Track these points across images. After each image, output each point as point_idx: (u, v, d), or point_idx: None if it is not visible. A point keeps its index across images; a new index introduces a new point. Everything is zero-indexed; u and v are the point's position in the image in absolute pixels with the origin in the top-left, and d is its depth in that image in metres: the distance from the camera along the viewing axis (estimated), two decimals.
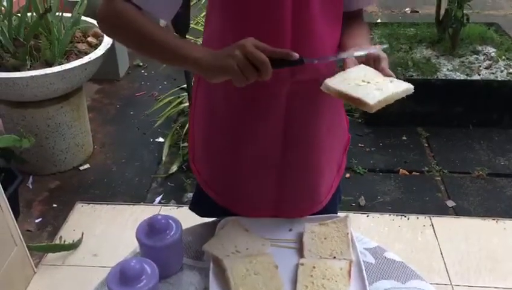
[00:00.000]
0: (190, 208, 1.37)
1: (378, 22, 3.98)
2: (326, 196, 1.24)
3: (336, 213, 1.30)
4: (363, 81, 0.93)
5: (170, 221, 1.06)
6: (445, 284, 1.98)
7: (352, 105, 0.92)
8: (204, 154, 1.24)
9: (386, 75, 0.95)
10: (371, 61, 0.97)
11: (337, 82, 0.93)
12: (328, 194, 1.25)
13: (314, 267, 1.06)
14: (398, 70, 3.00)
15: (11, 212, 1.86)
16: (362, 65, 0.97)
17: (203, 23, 3.14)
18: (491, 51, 3.21)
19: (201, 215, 1.35)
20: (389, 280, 1.08)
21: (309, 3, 0.98)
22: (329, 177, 1.24)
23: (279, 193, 1.18)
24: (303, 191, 1.20)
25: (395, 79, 0.94)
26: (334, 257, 1.09)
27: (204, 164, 1.25)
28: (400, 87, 0.92)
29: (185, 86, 2.99)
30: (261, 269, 1.06)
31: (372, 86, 0.91)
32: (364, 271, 1.05)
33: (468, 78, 2.97)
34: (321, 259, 1.09)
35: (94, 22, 2.78)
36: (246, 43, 0.89)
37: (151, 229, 1.05)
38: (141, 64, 3.77)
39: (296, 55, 0.91)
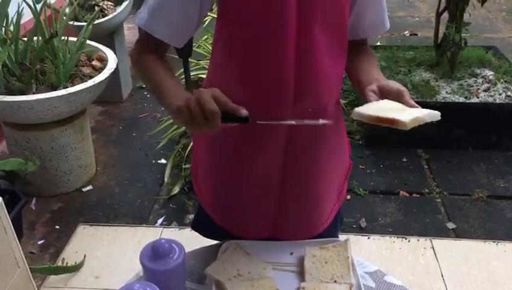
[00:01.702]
0: (192, 227, 1.40)
1: (378, 45, 4.04)
2: (325, 222, 1.26)
3: (337, 236, 1.32)
4: (391, 109, 0.92)
5: (173, 245, 1.08)
6: None
7: (383, 125, 0.91)
8: (206, 177, 1.27)
9: (410, 106, 0.94)
10: (393, 96, 0.97)
11: (366, 109, 0.93)
12: (327, 220, 1.27)
13: None
14: None
15: (15, 235, 1.88)
16: (386, 100, 0.97)
17: (204, 47, 3.20)
18: (489, 73, 3.25)
19: (203, 234, 1.37)
20: None
21: (312, 35, 1.00)
22: (329, 203, 1.26)
23: (278, 219, 1.21)
24: (301, 218, 1.23)
25: (421, 109, 0.94)
26: (335, 281, 1.10)
27: (205, 184, 1.28)
28: (429, 111, 0.93)
29: None
30: None
31: (403, 111, 0.92)
32: None
33: (467, 100, 3.00)
34: (322, 283, 1.10)
35: (99, 45, 2.83)
36: (203, 91, 0.87)
37: (154, 253, 1.06)
38: (144, 86, 3.81)
39: (245, 113, 0.90)
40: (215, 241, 1.26)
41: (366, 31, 1.14)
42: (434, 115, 0.93)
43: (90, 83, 2.43)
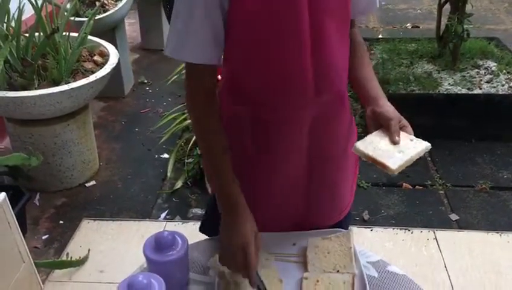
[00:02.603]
0: (200, 231, 1.39)
1: (380, 38, 4.03)
2: (345, 209, 1.30)
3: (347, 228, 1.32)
4: (388, 144, 1.03)
5: (176, 236, 1.09)
6: None
7: (378, 167, 1.02)
8: None
9: (397, 135, 1.03)
10: (384, 125, 1.05)
11: (365, 146, 1.03)
12: (346, 208, 1.31)
13: (317, 281, 1.09)
14: (400, 85, 3.03)
15: (19, 229, 1.89)
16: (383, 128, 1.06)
17: None
18: (492, 65, 3.24)
19: (210, 235, 1.36)
20: None
21: (324, 25, 1.02)
22: (347, 190, 1.30)
23: (305, 208, 1.23)
24: (325, 207, 1.25)
25: (414, 138, 1.05)
26: (338, 271, 1.11)
27: None
28: (418, 148, 1.02)
29: None
30: (266, 283, 1.08)
31: (396, 150, 1.02)
32: (367, 284, 1.07)
33: (470, 92, 3.00)
34: (325, 273, 1.11)
35: (100, 41, 2.83)
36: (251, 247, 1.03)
37: (157, 245, 1.07)
38: (146, 81, 3.82)
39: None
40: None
41: (361, 11, 1.16)
42: (426, 148, 1.03)
43: (92, 78, 2.43)
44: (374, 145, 1.03)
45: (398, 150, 1.02)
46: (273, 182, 1.18)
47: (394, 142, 1.02)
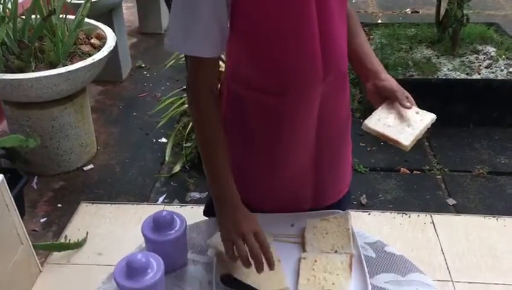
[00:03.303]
0: (205, 214, 1.38)
1: (379, 23, 4.01)
2: (346, 187, 1.32)
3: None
4: (396, 119, 1.07)
5: (175, 216, 1.09)
6: (446, 281, 2.00)
7: (389, 142, 1.05)
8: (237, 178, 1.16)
9: (405, 107, 1.07)
10: (390, 97, 1.09)
11: (374, 123, 1.06)
12: (346, 187, 1.32)
13: (315, 261, 1.09)
14: (399, 70, 3.02)
15: (17, 212, 1.89)
16: (389, 104, 1.09)
17: None
18: (491, 50, 3.23)
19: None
20: (389, 273, 1.10)
21: (328, 4, 1.02)
22: (348, 164, 1.32)
23: (313, 191, 1.23)
24: (330, 181, 1.25)
25: (419, 110, 1.09)
26: (336, 251, 1.11)
27: (240, 183, 1.17)
28: (425, 120, 1.06)
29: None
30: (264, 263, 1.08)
31: (405, 124, 1.05)
32: (365, 264, 1.07)
33: (469, 77, 2.99)
34: (323, 253, 1.11)
35: (97, 23, 2.81)
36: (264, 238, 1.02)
37: (156, 225, 1.07)
38: (143, 65, 3.80)
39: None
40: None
41: None
42: (432, 119, 1.07)
43: (89, 61, 2.42)
44: (383, 121, 1.05)
45: (407, 124, 1.04)
46: (282, 171, 1.17)
47: (403, 115, 1.04)
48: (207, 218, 1.29)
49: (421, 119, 1.05)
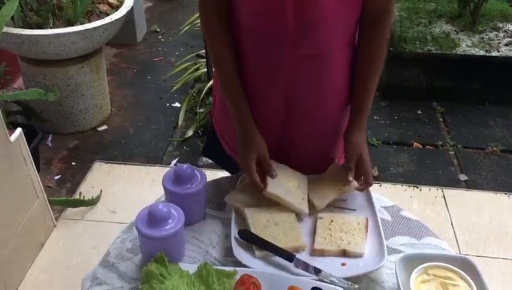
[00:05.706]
0: (203, 154, 1.52)
1: None
2: (340, 155, 1.30)
3: None
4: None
5: (195, 171, 1.10)
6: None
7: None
8: (220, 109, 1.29)
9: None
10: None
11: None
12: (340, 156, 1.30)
13: (332, 221, 1.10)
14: (417, 44, 2.99)
15: (34, 165, 1.91)
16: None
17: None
18: None
19: (213, 159, 1.48)
20: (404, 236, 1.11)
21: None
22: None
23: (285, 129, 1.21)
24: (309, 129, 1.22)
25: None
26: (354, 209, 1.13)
27: (220, 115, 1.31)
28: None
29: (203, 51, 3.01)
30: (281, 221, 1.09)
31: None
32: (381, 226, 1.08)
33: (487, 54, 2.95)
34: (339, 213, 1.12)
35: None
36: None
37: (177, 178, 1.08)
38: (158, 30, 3.77)
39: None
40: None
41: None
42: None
43: (107, 20, 2.41)
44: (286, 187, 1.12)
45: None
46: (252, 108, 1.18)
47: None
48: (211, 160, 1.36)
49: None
